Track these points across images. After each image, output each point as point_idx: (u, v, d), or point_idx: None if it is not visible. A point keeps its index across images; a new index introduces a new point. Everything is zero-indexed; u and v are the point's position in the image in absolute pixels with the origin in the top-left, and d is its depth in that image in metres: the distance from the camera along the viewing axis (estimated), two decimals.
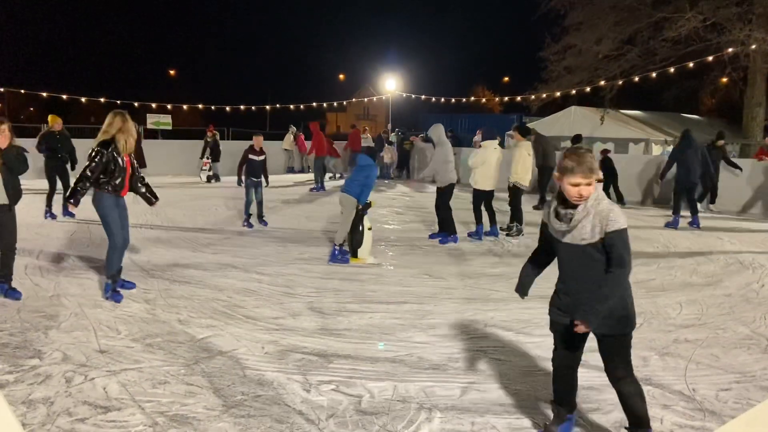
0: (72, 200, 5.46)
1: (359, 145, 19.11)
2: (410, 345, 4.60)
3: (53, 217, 9.70)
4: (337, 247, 7.40)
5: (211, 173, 17.01)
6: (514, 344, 4.66)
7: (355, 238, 7.41)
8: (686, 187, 10.32)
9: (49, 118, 10.31)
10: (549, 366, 4.21)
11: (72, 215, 8.98)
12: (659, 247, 8.53)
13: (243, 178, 9.56)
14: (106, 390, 3.66)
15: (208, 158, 17.03)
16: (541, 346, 4.62)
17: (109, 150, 5.41)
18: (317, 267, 7.07)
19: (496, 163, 8.93)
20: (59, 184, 9.91)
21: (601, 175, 2.95)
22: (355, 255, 7.42)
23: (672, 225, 10.37)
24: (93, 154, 5.39)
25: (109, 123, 5.51)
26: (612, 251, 2.89)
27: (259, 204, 9.72)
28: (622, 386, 3.07)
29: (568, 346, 3.20)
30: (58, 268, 6.60)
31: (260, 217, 9.81)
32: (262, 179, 9.70)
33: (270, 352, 4.37)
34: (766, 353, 4.55)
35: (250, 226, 9.56)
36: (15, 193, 5.30)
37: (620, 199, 13.71)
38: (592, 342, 4.79)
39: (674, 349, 4.58)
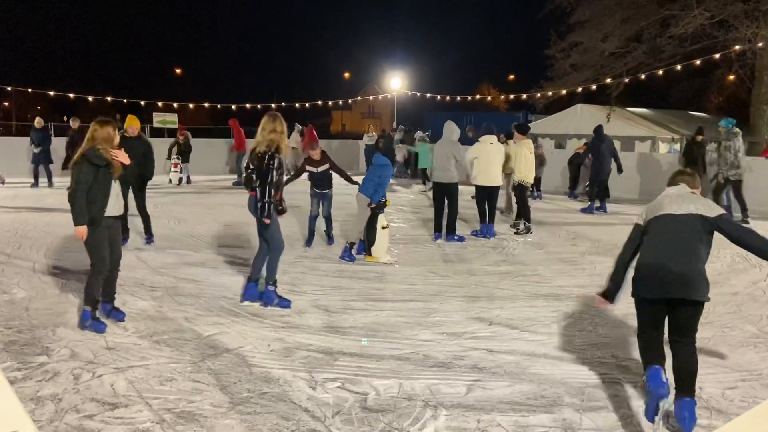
0: (266, 216, 5.12)
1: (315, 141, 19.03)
2: (415, 343, 4.61)
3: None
4: (347, 245, 7.40)
5: (182, 175, 15.88)
6: (520, 342, 4.66)
7: (369, 236, 7.37)
8: (601, 178, 11.74)
9: (127, 119, 7.84)
10: (552, 363, 4.22)
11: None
12: None
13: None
14: (113, 387, 3.69)
15: (177, 159, 15.72)
16: (546, 344, 4.63)
17: (280, 155, 5.10)
18: (323, 265, 7.08)
19: (496, 158, 8.86)
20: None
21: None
22: (369, 253, 7.39)
23: (587, 210, 11.87)
24: (274, 162, 5.01)
25: (273, 128, 5.11)
26: None
27: (327, 220, 8.22)
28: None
29: None
30: (65, 266, 6.64)
31: (328, 234, 8.32)
32: (330, 191, 8.11)
33: (276, 350, 4.39)
34: None
35: (309, 244, 8.07)
36: (125, 203, 4.95)
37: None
38: (598, 338, 4.78)
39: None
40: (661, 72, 17.56)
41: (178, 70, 61.38)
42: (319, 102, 24.38)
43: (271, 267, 5.44)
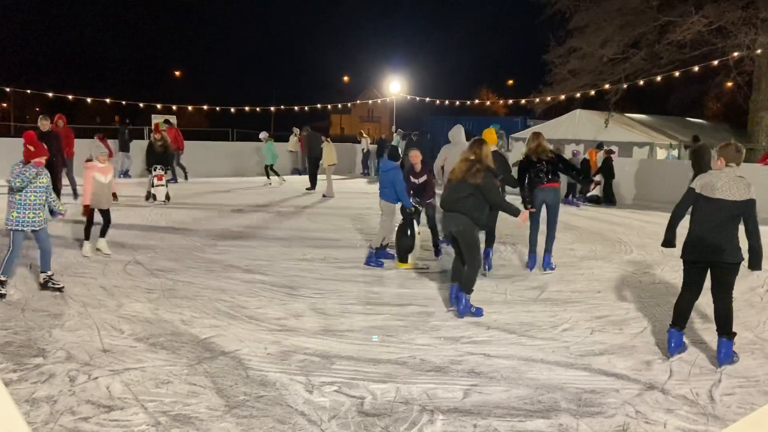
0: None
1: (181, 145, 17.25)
2: (413, 347, 4.60)
3: None
4: (372, 251, 7.34)
5: (167, 188, 12.52)
6: (517, 347, 4.66)
7: (404, 242, 7.27)
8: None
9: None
10: (549, 368, 4.22)
11: None
12: (664, 251, 8.50)
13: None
14: (109, 389, 3.68)
15: (161, 170, 12.38)
16: (544, 348, 4.62)
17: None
18: (320, 268, 7.07)
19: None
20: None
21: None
22: (403, 260, 7.31)
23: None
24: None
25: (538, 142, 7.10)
26: None
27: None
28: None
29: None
30: (62, 268, 6.62)
31: (436, 247, 7.90)
32: (433, 200, 7.79)
33: (272, 353, 4.38)
34: None
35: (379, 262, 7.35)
36: None
37: (611, 200, 13.93)
38: (595, 344, 4.78)
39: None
40: (659, 78, 17.61)
41: (177, 72, 61.39)
42: (318, 105, 24.36)
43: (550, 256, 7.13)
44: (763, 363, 4.43)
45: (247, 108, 21.63)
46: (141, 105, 20.42)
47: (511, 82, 57.18)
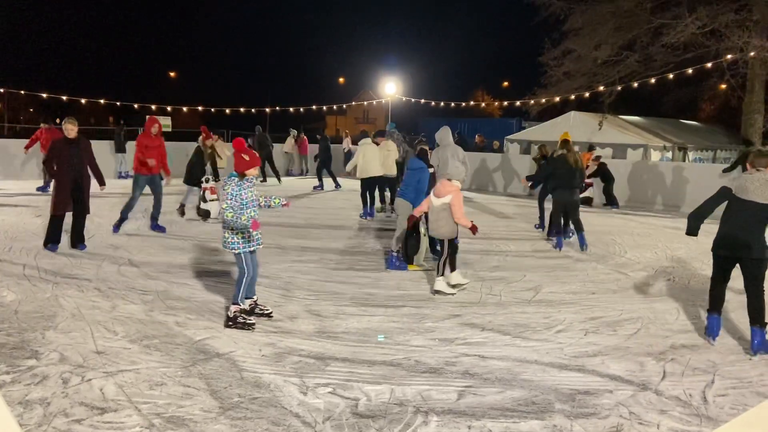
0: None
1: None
2: (408, 348, 4.60)
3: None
4: (394, 254, 7.30)
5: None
6: (511, 348, 4.67)
7: (410, 244, 7.25)
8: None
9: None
10: (543, 369, 4.23)
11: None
12: (658, 252, 8.55)
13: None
14: (102, 391, 3.67)
15: (213, 181, 10.67)
16: (538, 350, 4.63)
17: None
18: (315, 270, 7.07)
19: (370, 155, 10.87)
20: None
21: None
22: (411, 261, 7.29)
23: None
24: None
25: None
26: None
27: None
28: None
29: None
30: (56, 269, 6.60)
31: (432, 246, 7.70)
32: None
33: (267, 355, 4.38)
34: (762, 359, 4.57)
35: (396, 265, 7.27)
36: None
37: (613, 203, 13.79)
38: (589, 345, 4.80)
39: (671, 355, 4.60)
40: (653, 80, 17.66)
41: (172, 73, 61.25)
42: (314, 106, 24.35)
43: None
44: (756, 364, 4.46)
45: (242, 109, 21.60)
46: (136, 106, 20.36)
47: (506, 83, 57.37)
